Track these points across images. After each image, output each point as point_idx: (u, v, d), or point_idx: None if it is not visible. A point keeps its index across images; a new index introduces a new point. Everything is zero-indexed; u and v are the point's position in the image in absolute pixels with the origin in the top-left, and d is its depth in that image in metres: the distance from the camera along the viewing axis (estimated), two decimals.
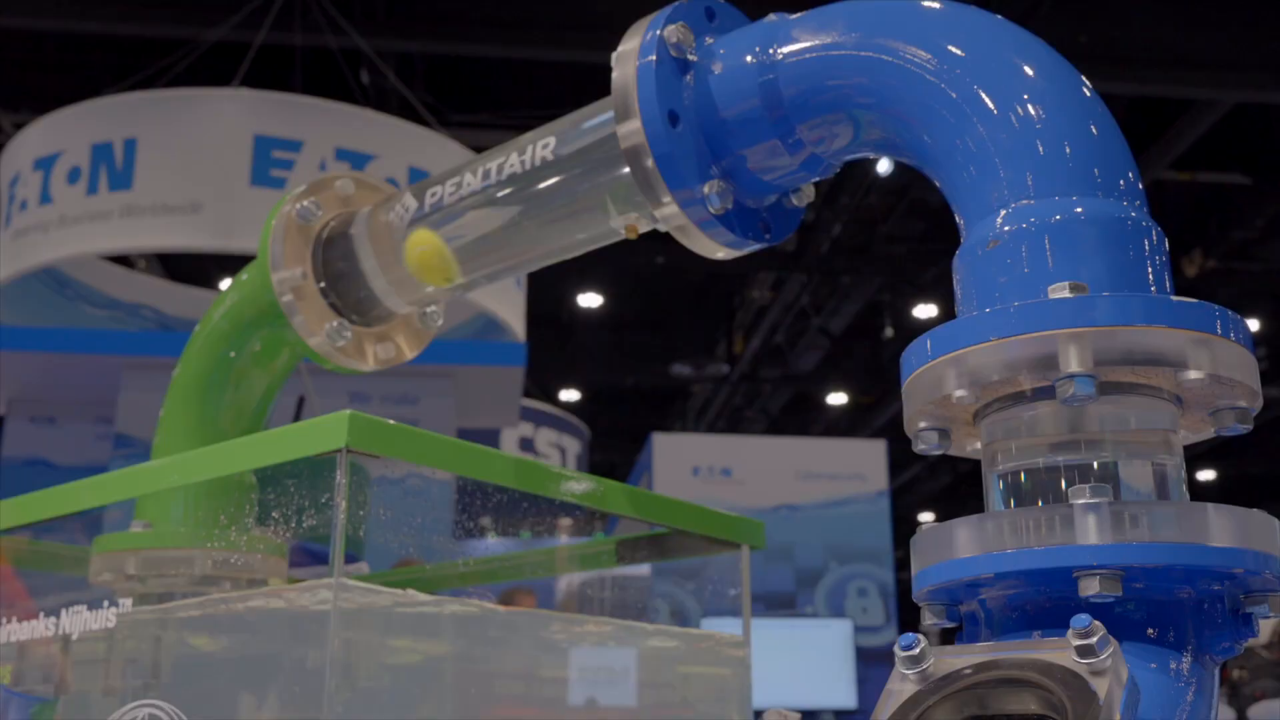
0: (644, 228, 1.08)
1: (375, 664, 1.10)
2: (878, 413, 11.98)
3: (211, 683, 1.13)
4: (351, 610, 1.00)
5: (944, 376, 0.74)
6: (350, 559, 1.46)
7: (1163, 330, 0.69)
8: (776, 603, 8.10)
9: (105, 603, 1.13)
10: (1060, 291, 0.71)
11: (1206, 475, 13.22)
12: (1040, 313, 0.70)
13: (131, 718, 1.07)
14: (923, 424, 0.78)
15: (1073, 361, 0.68)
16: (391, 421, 1.01)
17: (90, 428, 6.14)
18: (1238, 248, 8.73)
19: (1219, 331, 0.70)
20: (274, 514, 1.11)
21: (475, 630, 1.21)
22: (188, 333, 1.43)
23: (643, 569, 1.68)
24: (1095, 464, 0.72)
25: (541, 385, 10.87)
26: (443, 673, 1.19)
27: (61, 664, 1.19)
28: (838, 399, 12.24)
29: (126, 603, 1.12)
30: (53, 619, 1.17)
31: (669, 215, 1.00)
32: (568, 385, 12.20)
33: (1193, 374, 0.69)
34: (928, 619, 0.76)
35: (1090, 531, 0.65)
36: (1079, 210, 0.76)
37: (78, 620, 1.15)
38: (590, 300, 10.41)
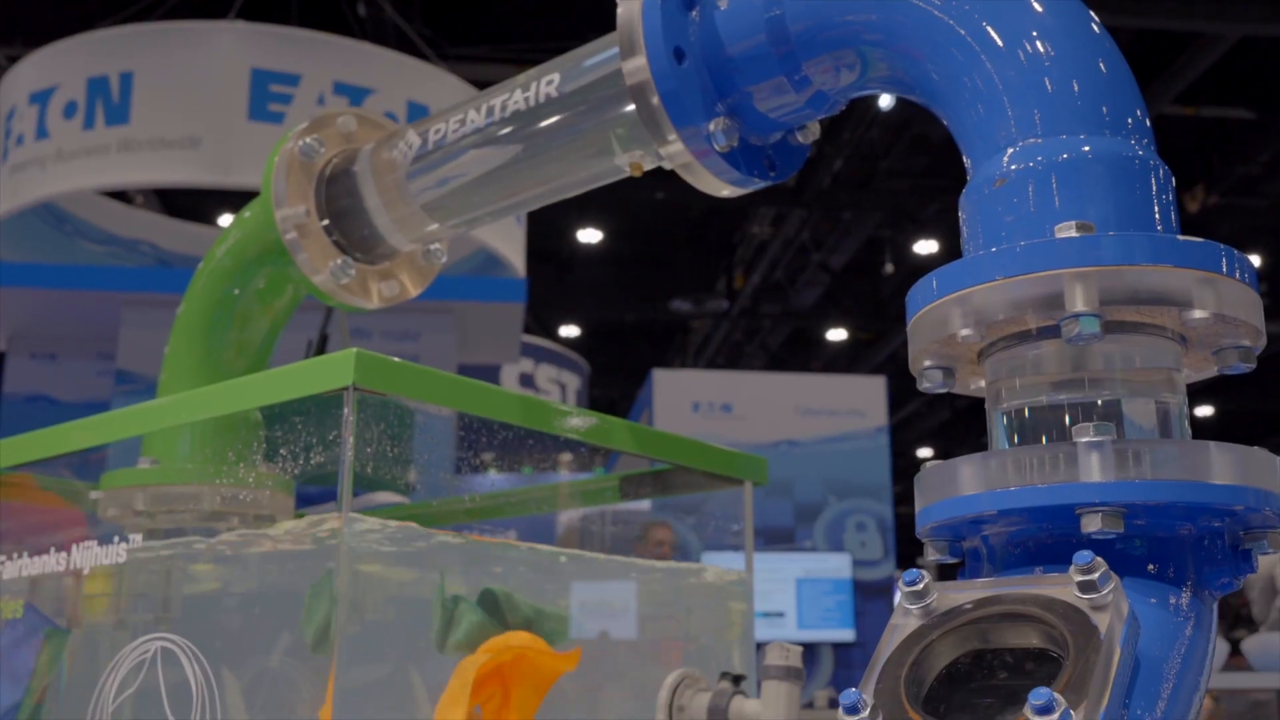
0: (649, 165, 1.08)
1: (382, 597, 1.11)
2: (877, 349, 11.99)
3: (222, 617, 1.15)
4: (359, 544, 1.01)
5: (949, 315, 0.74)
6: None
7: (1168, 269, 0.69)
8: (775, 537, 8.17)
9: (115, 538, 1.14)
10: (1067, 231, 0.71)
11: (1204, 411, 13.26)
12: (1046, 252, 0.70)
13: (144, 650, 1.09)
14: (927, 362, 0.78)
15: (1078, 301, 0.68)
16: (397, 359, 1.01)
17: (91, 364, 6.15)
18: (1240, 183, 8.69)
19: (1224, 270, 0.70)
20: (282, 451, 1.11)
21: (479, 564, 1.23)
22: (187, 269, 1.43)
23: (643, 504, 1.69)
24: (1099, 402, 0.72)
25: (541, 321, 10.87)
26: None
27: (73, 598, 1.20)
28: (837, 335, 12.25)
29: (136, 538, 1.13)
30: (63, 553, 1.18)
31: (674, 153, 1.00)
32: (567, 321, 12.19)
33: (1197, 313, 0.69)
34: (930, 555, 0.77)
35: (1094, 469, 0.66)
36: (1086, 149, 0.76)
37: (88, 555, 1.16)
38: (590, 236, 10.37)
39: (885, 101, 7.70)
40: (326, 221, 1.30)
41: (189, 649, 1.05)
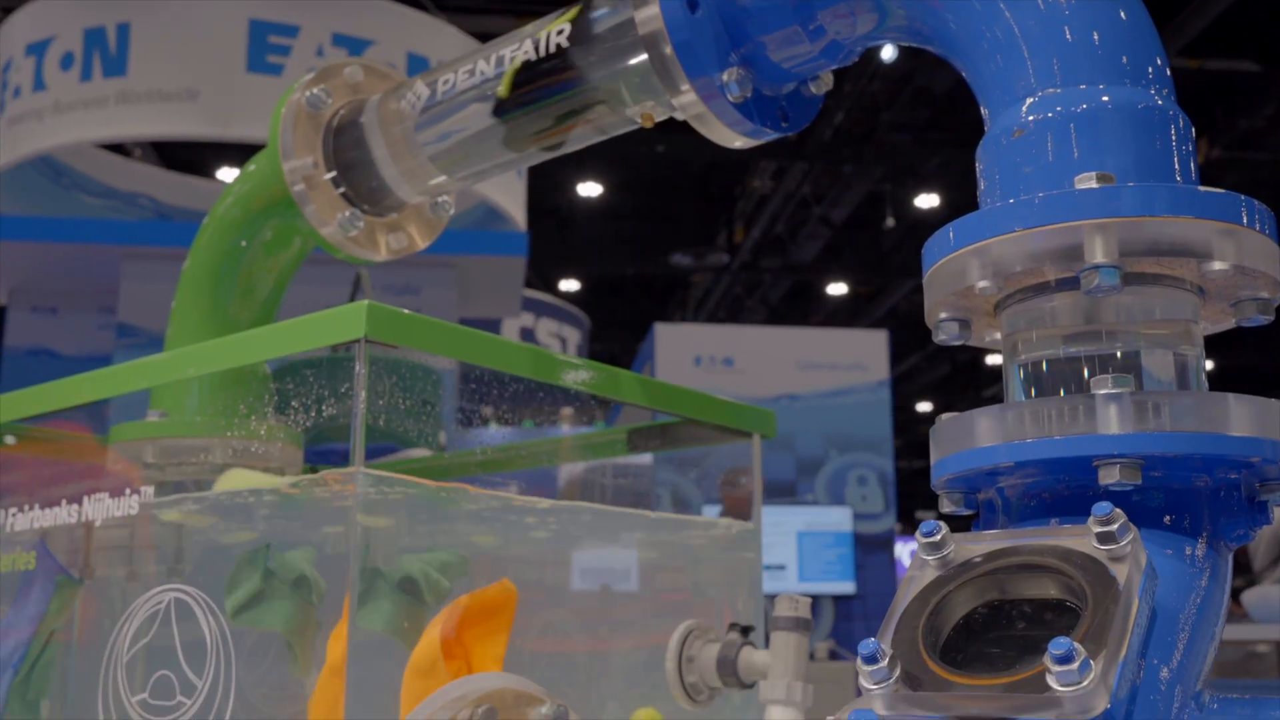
0: (660, 116, 1.07)
1: (394, 551, 1.11)
2: (878, 303, 11.98)
3: (231, 568, 1.15)
4: (371, 498, 1.01)
5: (967, 267, 0.74)
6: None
7: (1189, 221, 0.69)
8: (777, 491, 8.21)
9: (126, 490, 1.14)
10: (1087, 182, 0.70)
11: (1205, 367, 13.23)
12: (1066, 203, 0.70)
13: (157, 602, 1.09)
14: (943, 314, 0.78)
15: (1098, 252, 0.68)
16: (408, 311, 1.01)
17: (93, 317, 6.14)
18: (1244, 137, 8.64)
19: (1245, 222, 0.70)
20: (293, 404, 1.11)
21: (489, 517, 1.23)
22: (187, 223, 1.43)
23: (645, 460, 1.70)
24: (1117, 354, 0.72)
25: (542, 275, 10.85)
26: (458, 560, 1.21)
27: (85, 549, 1.21)
28: (838, 289, 12.23)
29: (148, 490, 1.13)
30: (75, 505, 1.19)
31: (687, 104, 0.99)
32: (567, 275, 12.17)
33: (1217, 265, 0.69)
34: (945, 506, 0.77)
35: (1112, 421, 0.66)
36: (1106, 99, 0.75)
37: (100, 507, 1.17)
38: (590, 190, 10.33)
39: (888, 53, 7.64)
40: (334, 173, 1.30)
41: (203, 600, 1.05)
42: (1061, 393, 0.73)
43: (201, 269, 1.40)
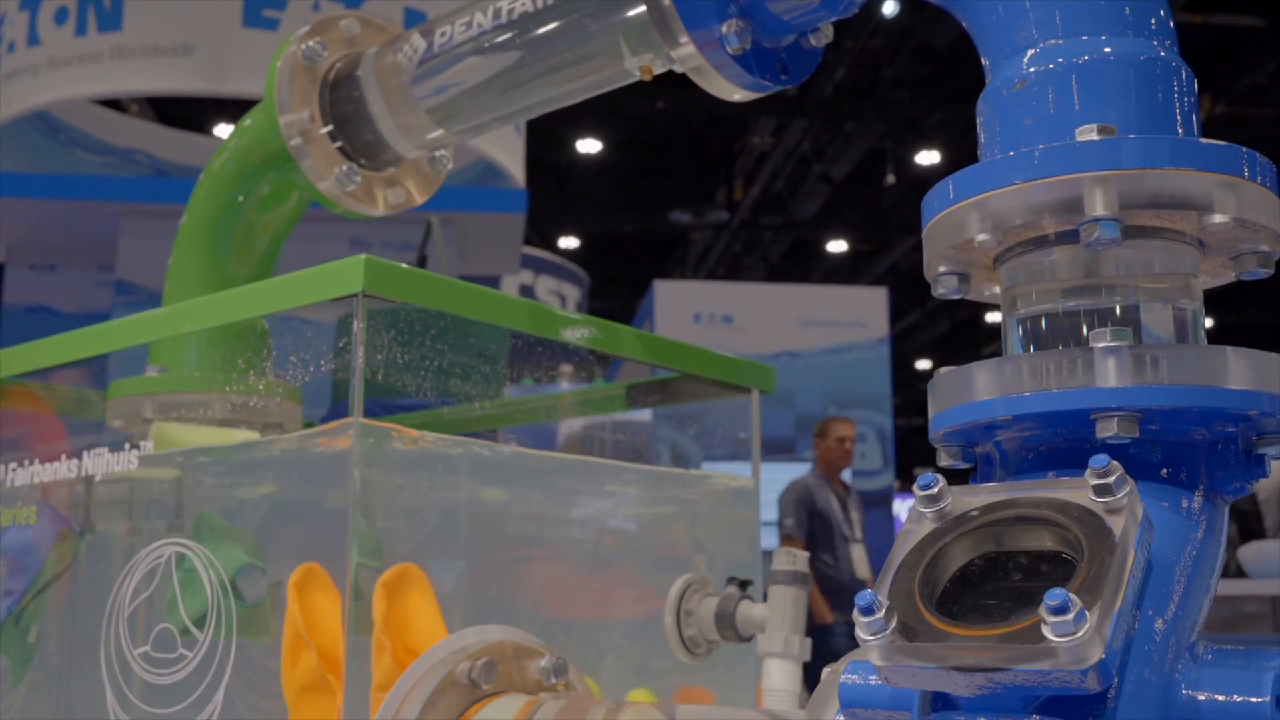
0: (659, 69, 1.06)
1: (393, 505, 1.12)
2: (878, 260, 11.95)
3: (235, 523, 1.16)
4: (370, 452, 1.01)
5: (966, 220, 0.74)
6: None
7: (1190, 173, 0.68)
8: (776, 448, 8.23)
9: (126, 445, 1.15)
10: (1088, 134, 0.70)
11: (1205, 324, 13.22)
12: (1066, 155, 0.70)
13: (158, 555, 1.10)
14: (942, 268, 0.78)
15: (1098, 205, 0.68)
16: (405, 265, 1.01)
17: (91, 275, 6.13)
18: (1248, 92, 8.59)
19: (1246, 175, 0.69)
20: (291, 358, 1.11)
21: (488, 471, 1.23)
22: (185, 179, 1.42)
23: (644, 415, 1.70)
24: (1116, 308, 0.72)
25: (540, 232, 10.82)
26: (456, 513, 1.22)
27: (86, 504, 1.21)
28: (838, 246, 12.20)
29: (148, 445, 1.13)
30: (75, 461, 1.19)
31: (686, 56, 0.99)
32: (566, 232, 12.14)
33: (1218, 217, 0.69)
34: (943, 460, 0.77)
35: (1110, 374, 0.66)
36: (1108, 50, 0.75)
37: (100, 462, 1.17)
38: (589, 146, 10.28)
39: (889, 8, 7.58)
40: (330, 127, 1.29)
41: (203, 554, 1.06)
42: (1060, 346, 0.72)
43: (198, 225, 1.39)
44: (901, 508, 10.21)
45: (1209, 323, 0.77)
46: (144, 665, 1.09)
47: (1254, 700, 0.57)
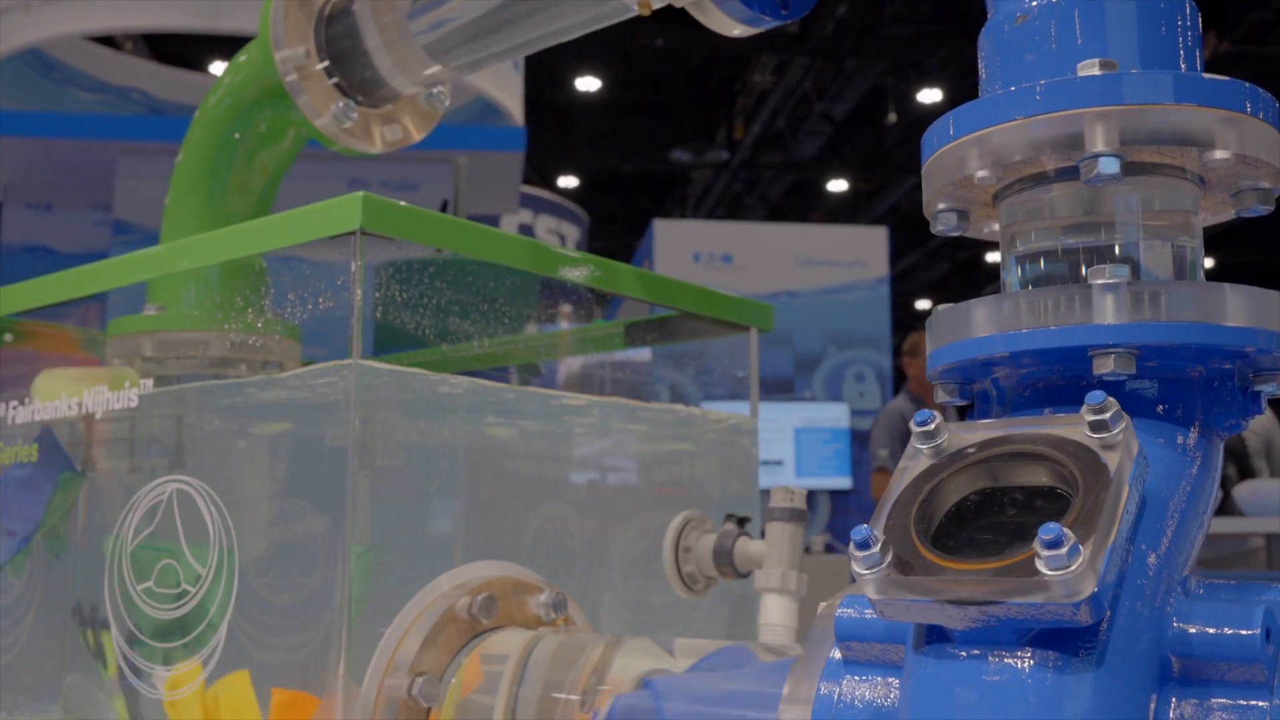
0: (658, 3, 1.05)
1: (392, 443, 1.12)
2: (879, 199, 11.90)
3: (234, 462, 1.17)
4: (369, 391, 1.02)
5: (966, 156, 0.73)
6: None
7: (1192, 109, 0.68)
8: (775, 387, 8.25)
9: (126, 383, 1.15)
10: (1090, 69, 0.69)
11: (1205, 265, 13.20)
12: (1067, 91, 0.69)
13: (159, 492, 1.10)
14: (942, 205, 0.77)
15: (1099, 141, 0.67)
16: (404, 203, 1.01)
17: (88, 214, 6.11)
18: (1253, 30, 8.50)
19: (1248, 110, 0.69)
20: (290, 296, 1.11)
21: (487, 410, 1.24)
22: (181, 117, 1.41)
23: (643, 354, 1.70)
24: (1115, 245, 0.72)
25: (539, 171, 10.76)
26: (456, 451, 1.22)
27: (87, 442, 1.22)
28: (838, 186, 12.14)
29: (148, 383, 1.14)
30: (75, 399, 1.19)
31: None
32: (566, 171, 12.07)
33: (1219, 154, 0.68)
34: (940, 397, 0.77)
35: (1108, 311, 0.66)
36: None
37: (100, 400, 1.17)
38: (588, 84, 10.19)
39: None
40: (326, 63, 1.28)
41: (205, 491, 1.06)
42: (1059, 284, 0.72)
43: (195, 163, 1.38)
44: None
45: (1209, 263, 0.77)
46: (147, 600, 1.10)
47: (1244, 633, 0.58)
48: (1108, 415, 0.61)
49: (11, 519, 1.26)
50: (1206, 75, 0.69)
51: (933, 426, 0.66)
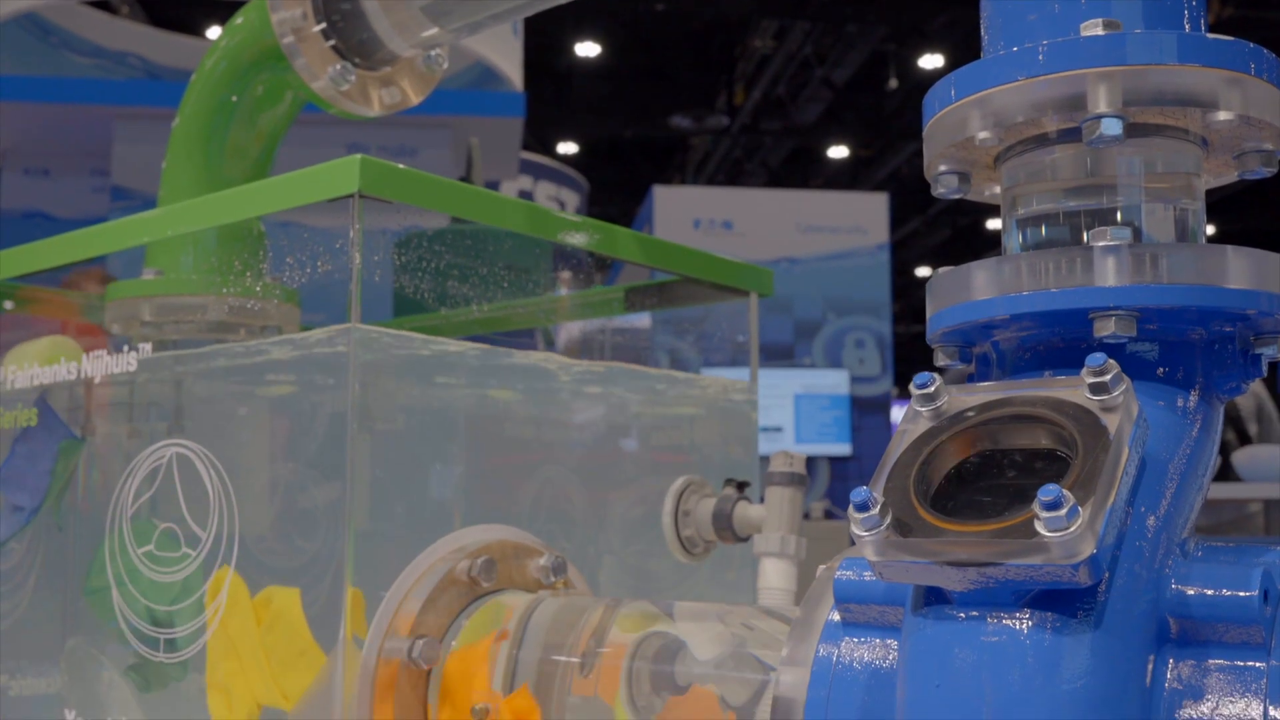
0: None
1: (392, 407, 1.12)
2: (879, 165, 11.86)
3: (233, 426, 1.17)
4: (368, 355, 1.02)
5: (967, 117, 0.73)
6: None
7: (1195, 69, 0.67)
8: (775, 354, 8.25)
9: (125, 347, 1.15)
10: (1093, 29, 0.69)
11: (1207, 231, 13.18)
12: (1070, 51, 0.68)
13: (159, 457, 1.11)
14: (943, 167, 0.77)
15: (1101, 101, 0.67)
16: (402, 166, 1.00)
17: (86, 180, 6.09)
18: None
19: (1252, 71, 0.68)
20: (288, 260, 1.11)
21: (487, 374, 1.24)
22: (178, 82, 1.40)
23: (643, 319, 1.70)
24: (1117, 208, 0.71)
25: (539, 137, 10.71)
26: (455, 416, 1.22)
27: (86, 407, 1.22)
28: (839, 152, 12.10)
29: (146, 347, 1.13)
30: (74, 363, 1.19)
31: None
32: (565, 138, 12.02)
33: (1222, 115, 0.68)
34: (940, 360, 0.77)
35: (1109, 273, 0.66)
36: None
37: (99, 365, 1.17)
38: (588, 50, 10.13)
39: None
40: (324, 25, 1.27)
41: (204, 455, 1.06)
42: (1059, 247, 0.72)
43: (191, 126, 1.38)
44: (899, 414, 10.28)
45: (1211, 230, 0.77)
46: (148, 564, 1.10)
47: (1242, 594, 0.58)
48: (1108, 377, 0.61)
49: (18, 493, 1.26)
50: (1210, 35, 0.69)
51: (932, 389, 0.66)
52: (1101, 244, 0.66)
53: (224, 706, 1.03)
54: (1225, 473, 4.62)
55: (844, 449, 8.27)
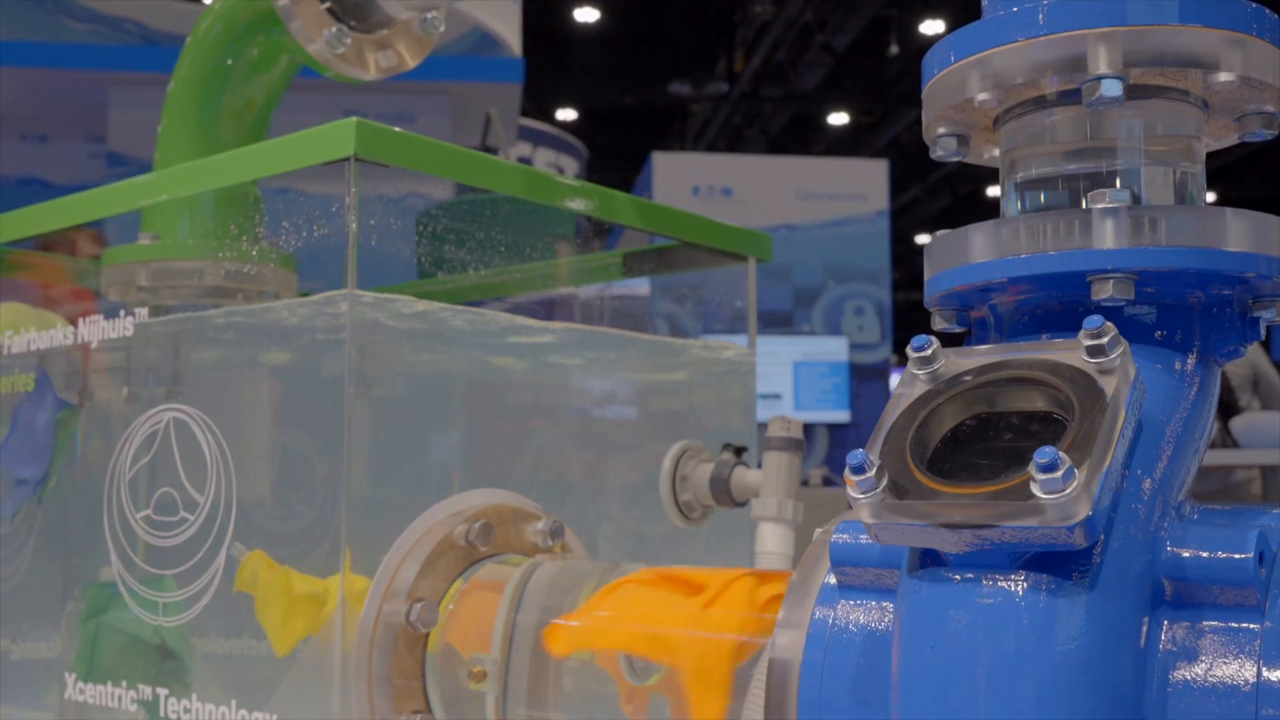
0: None
1: (389, 373, 1.12)
2: (879, 132, 11.81)
3: (230, 391, 1.17)
4: (365, 320, 1.01)
5: (966, 79, 0.72)
6: None
7: (1196, 29, 0.67)
8: (774, 321, 8.24)
9: (121, 312, 1.15)
10: None
11: (1208, 199, 13.14)
12: (1070, 11, 0.68)
13: (156, 421, 1.10)
14: (942, 129, 0.76)
15: (1101, 62, 0.66)
16: (399, 129, 0.99)
17: (82, 146, 6.06)
18: None
19: (1254, 32, 0.68)
20: (284, 224, 1.11)
21: (485, 339, 1.24)
22: (175, 48, 1.38)
23: (642, 285, 1.70)
24: (1116, 170, 0.71)
25: (538, 104, 10.66)
26: (454, 382, 1.22)
27: (83, 372, 1.22)
28: (839, 119, 12.04)
29: (143, 312, 1.13)
30: (71, 328, 1.19)
31: None
32: (564, 104, 11.96)
33: (1223, 76, 0.67)
34: (938, 324, 0.77)
35: (1107, 235, 0.65)
36: None
37: (95, 329, 1.17)
38: (587, 15, 10.07)
39: None
40: None
41: (201, 420, 1.06)
42: (1058, 210, 0.72)
43: (186, 90, 1.37)
44: (898, 381, 10.28)
45: (1211, 197, 0.76)
46: (146, 528, 1.10)
47: (1237, 556, 0.58)
48: (1105, 340, 0.61)
49: (22, 467, 1.27)
50: None
51: (929, 352, 0.66)
52: (1100, 206, 0.66)
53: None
54: (1223, 440, 4.63)
55: (843, 416, 8.28)
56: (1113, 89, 0.66)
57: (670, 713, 0.86)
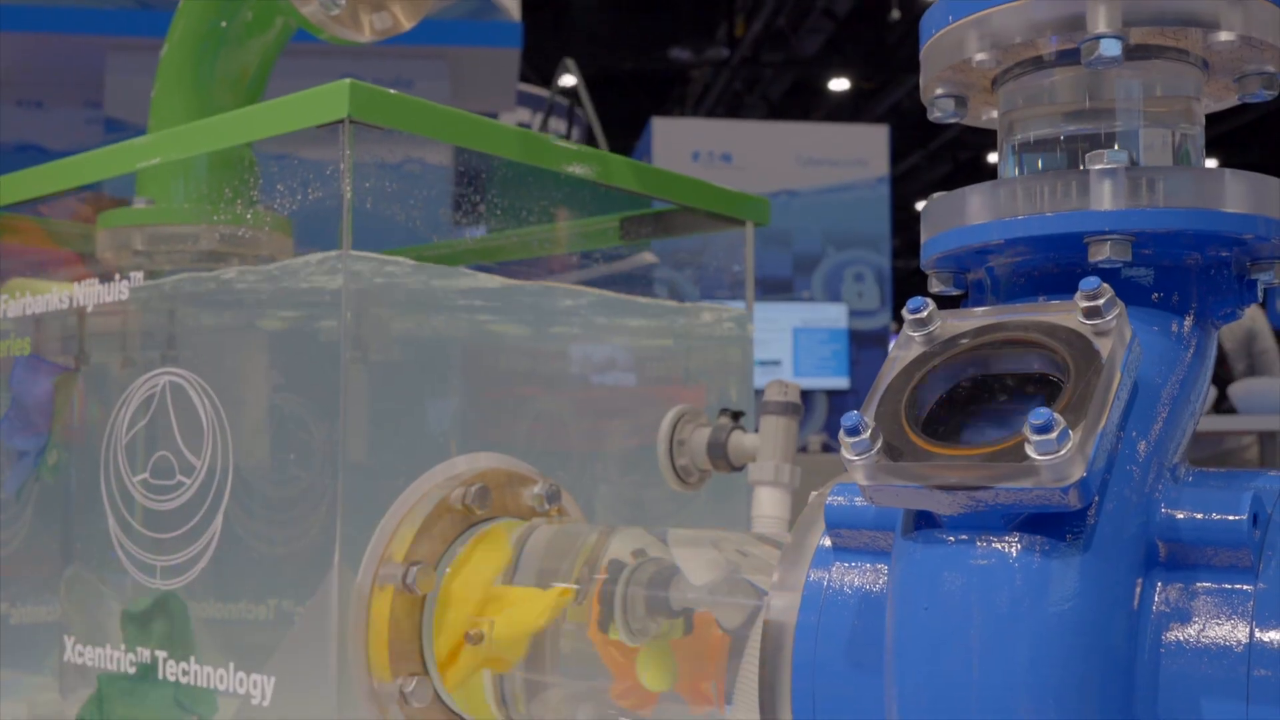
0: None
1: (386, 337, 1.12)
2: (880, 98, 11.75)
3: (226, 354, 1.16)
4: (361, 284, 1.01)
5: (965, 39, 0.71)
6: None
7: None
8: (773, 288, 8.23)
9: (116, 276, 1.14)
10: None
11: (1208, 164, 13.09)
12: None
13: (152, 385, 1.10)
14: (939, 90, 0.76)
15: (1100, 21, 0.66)
16: (394, 91, 0.99)
17: (79, 112, 6.03)
18: None
19: None
20: (279, 188, 1.10)
21: (483, 302, 1.23)
22: (169, 12, 1.37)
23: (640, 252, 1.69)
24: (1115, 131, 0.70)
25: (536, 69, 10.59)
26: (450, 345, 1.22)
27: (79, 336, 1.22)
28: (840, 84, 11.98)
29: (138, 276, 1.13)
30: (65, 292, 1.19)
31: None
32: (563, 69, 11.89)
33: (1224, 35, 0.67)
34: (934, 286, 0.76)
35: (1105, 196, 0.65)
36: None
37: (90, 293, 1.16)
38: None
39: None
40: None
41: (197, 383, 1.06)
42: (1056, 171, 0.71)
43: (180, 53, 1.36)
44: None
45: (1213, 163, 0.76)
46: (144, 492, 1.10)
47: (1231, 518, 0.58)
48: (1101, 302, 0.60)
49: (22, 439, 1.27)
50: None
51: (925, 314, 0.66)
52: (1098, 167, 0.66)
53: None
54: (1221, 405, 4.64)
55: (842, 382, 8.28)
56: (1111, 48, 0.65)
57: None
